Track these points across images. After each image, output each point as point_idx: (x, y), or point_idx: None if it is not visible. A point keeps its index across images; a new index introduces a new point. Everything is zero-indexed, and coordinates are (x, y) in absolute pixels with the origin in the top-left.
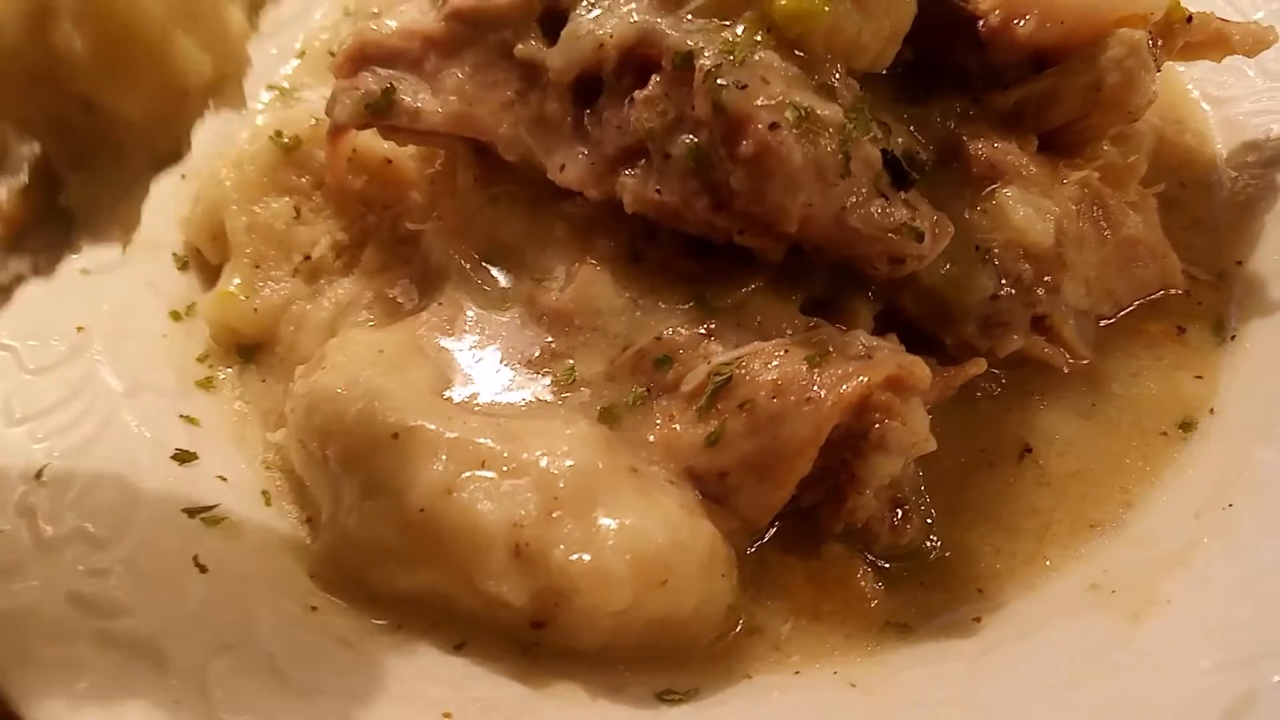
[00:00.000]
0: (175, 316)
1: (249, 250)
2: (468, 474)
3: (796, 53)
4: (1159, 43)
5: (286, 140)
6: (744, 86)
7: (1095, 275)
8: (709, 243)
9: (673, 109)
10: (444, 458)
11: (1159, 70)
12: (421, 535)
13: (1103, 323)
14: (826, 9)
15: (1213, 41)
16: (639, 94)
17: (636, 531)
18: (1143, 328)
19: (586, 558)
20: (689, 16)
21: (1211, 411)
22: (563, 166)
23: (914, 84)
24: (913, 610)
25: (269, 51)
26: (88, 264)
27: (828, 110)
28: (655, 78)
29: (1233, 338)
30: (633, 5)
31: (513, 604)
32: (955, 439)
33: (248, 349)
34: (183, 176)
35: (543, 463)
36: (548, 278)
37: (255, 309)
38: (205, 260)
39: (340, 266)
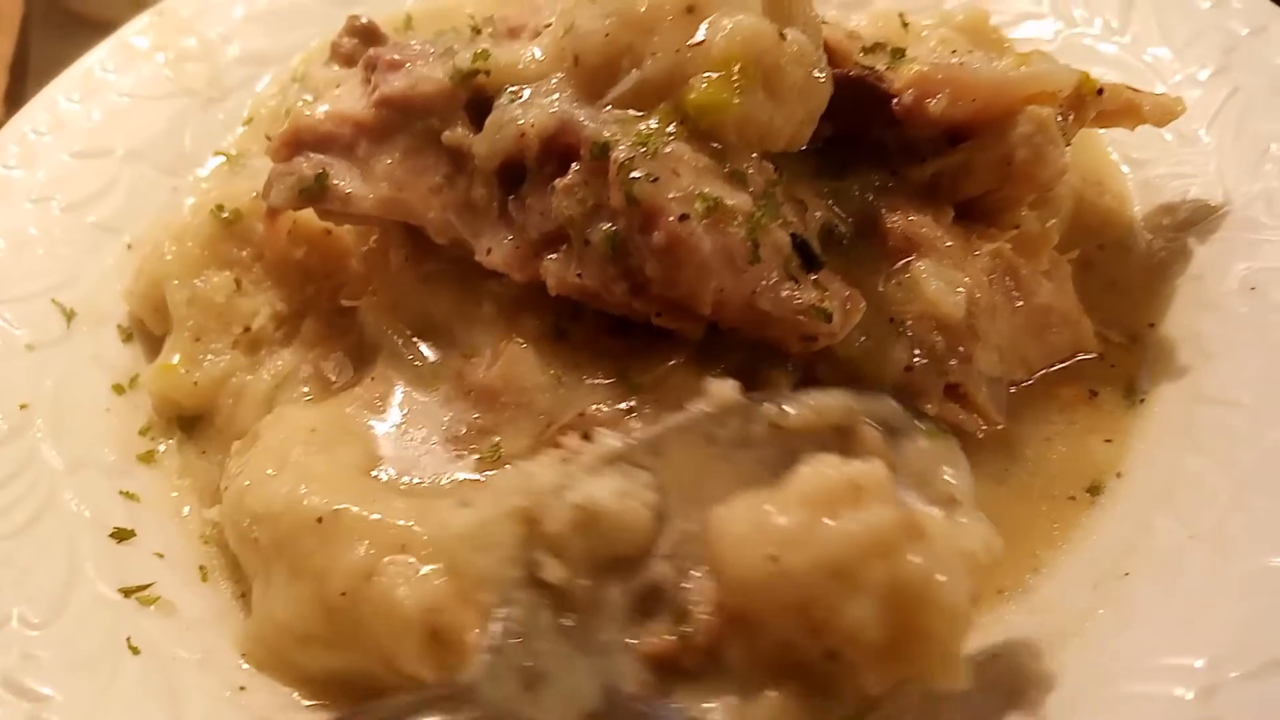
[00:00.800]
0: (118, 390)
1: (190, 323)
2: (388, 558)
3: (712, 144)
4: (1070, 116)
5: (227, 214)
6: (655, 179)
7: (1008, 343)
8: (631, 321)
9: (591, 197)
10: (366, 542)
11: (1068, 144)
12: (343, 619)
13: (1017, 387)
14: (736, 101)
15: (1124, 112)
16: (559, 182)
17: None
18: (1056, 392)
19: None
20: (608, 107)
21: (1119, 475)
22: (489, 250)
23: (834, 157)
24: None
25: (217, 117)
26: (32, 339)
27: (736, 199)
28: (575, 166)
29: (1142, 401)
30: (554, 96)
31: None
32: None
33: (188, 421)
34: (129, 246)
35: (462, 546)
36: (476, 354)
37: (195, 382)
38: (150, 331)
39: (280, 337)
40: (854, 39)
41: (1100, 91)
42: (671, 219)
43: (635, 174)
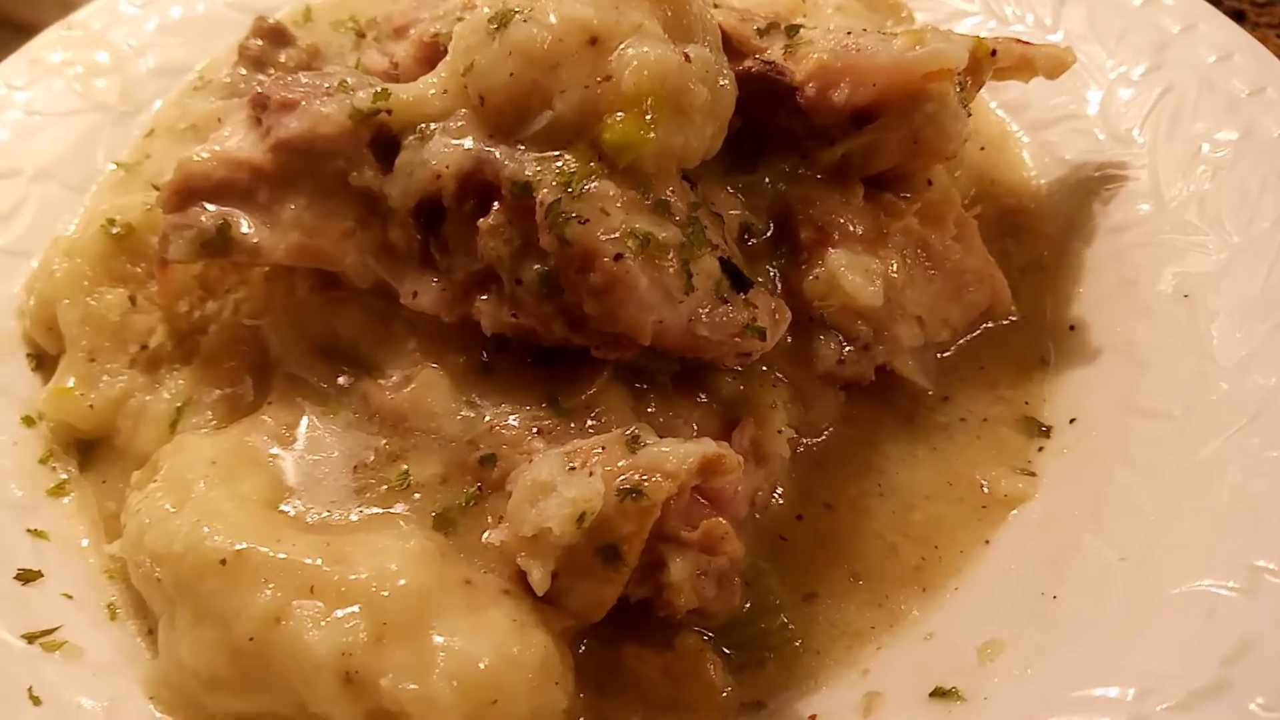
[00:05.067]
0: (28, 422)
1: (83, 343)
2: (296, 602)
3: (632, 175)
4: (968, 81)
5: (119, 229)
6: (585, 220)
7: (928, 311)
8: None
9: (518, 236)
10: (272, 586)
11: (968, 109)
12: (252, 663)
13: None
14: (651, 135)
15: (1018, 66)
16: (483, 223)
17: (463, 654)
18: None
19: (415, 686)
20: (521, 146)
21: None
22: (415, 294)
23: (743, 150)
24: (764, 688)
25: (130, 132)
26: None
27: (666, 232)
28: (496, 206)
29: (1072, 421)
30: (465, 135)
31: None
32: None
33: (86, 445)
34: (34, 264)
35: (372, 586)
36: (383, 375)
37: (91, 404)
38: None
39: (179, 355)
40: (747, 21)
41: (994, 53)
42: (607, 259)
43: (564, 215)
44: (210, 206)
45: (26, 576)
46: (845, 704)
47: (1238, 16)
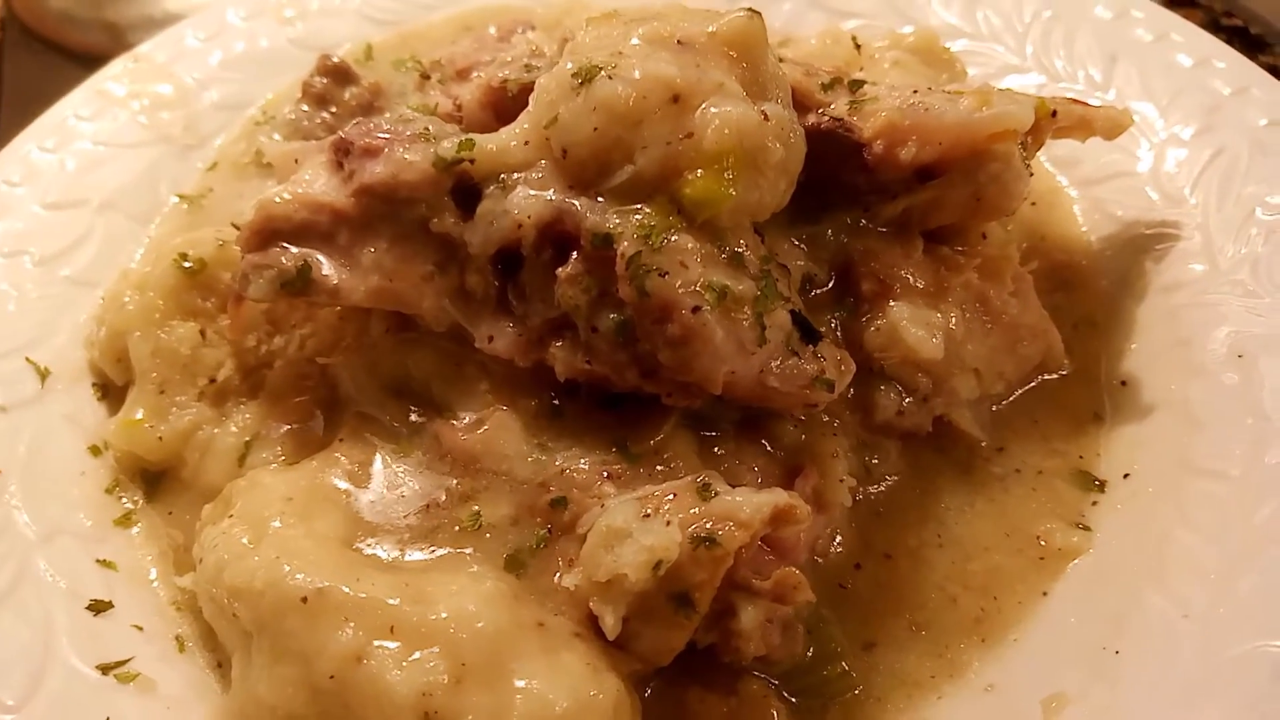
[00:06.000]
0: (95, 452)
1: (154, 375)
2: (377, 641)
3: (708, 230)
4: (1029, 141)
5: (191, 264)
6: (665, 273)
7: (984, 365)
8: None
9: (595, 286)
10: (353, 625)
11: (1029, 169)
12: (332, 702)
13: (998, 406)
14: (732, 192)
15: (1076, 127)
16: (562, 272)
17: (541, 697)
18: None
19: None
20: (600, 199)
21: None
22: (490, 338)
23: (806, 203)
24: None
25: (194, 165)
26: (4, 400)
27: (742, 286)
28: (575, 256)
29: (1126, 476)
30: (548, 186)
31: None
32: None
33: (152, 476)
34: (102, 298)
35: (451, 628)
36: (454, 416)
37: (160, 437)
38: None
39: (247, 389)
40: (811, 76)
41: (1054, 114)
42: (685, 312)
43: (644, 268)
44: (291, 248)
45: (98, 607)
46: None
47: None
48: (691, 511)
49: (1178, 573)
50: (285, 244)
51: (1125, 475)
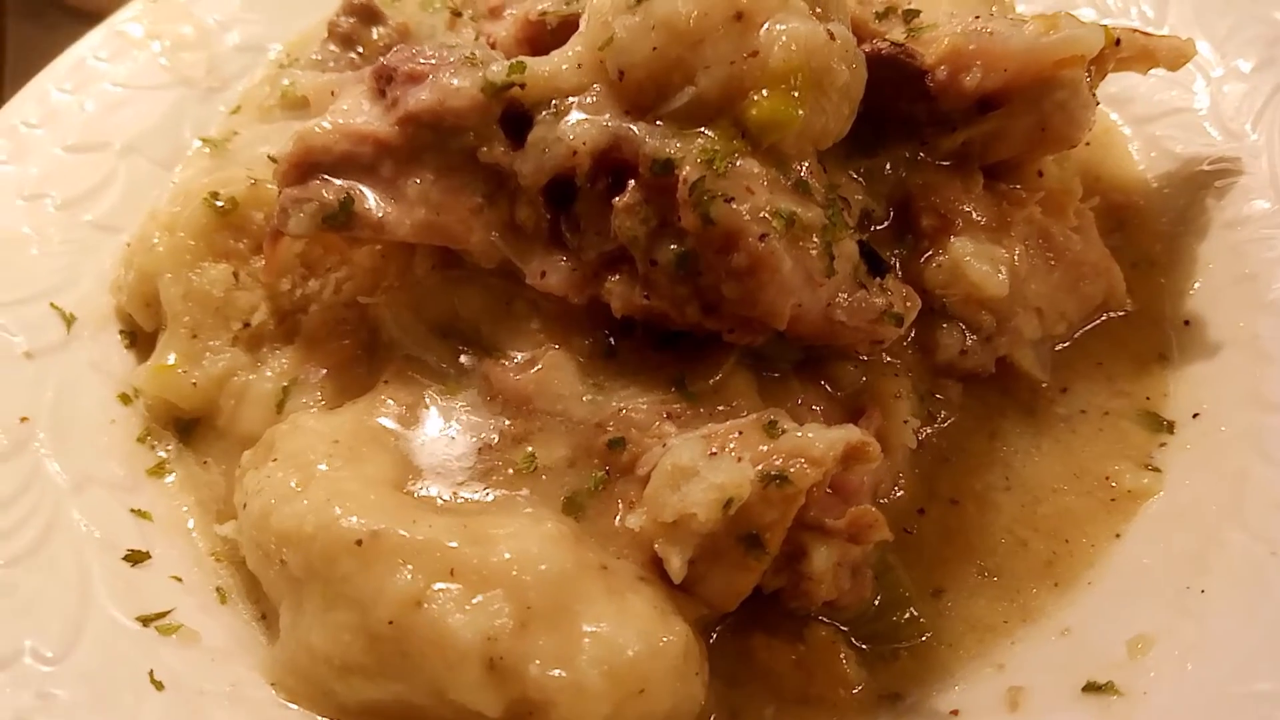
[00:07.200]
0: (125, 400)
1: (185, 319)
2: (438, 585)
3: (773, 154)
4: (1092, 70)
5: (222, 203)
6: (730, 199)
7: (1047, 303)
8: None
9: (654, 216)
10: (411, 567)
11: (1095, 98)
12: (390, 649)
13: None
14: (800, 113)
15: (1139, 57)
16: (619, 201)
17: (611, 641)
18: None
19: (563, 673)
20: (659, 123)
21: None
22: (543, 274)
23: (863, 135)
24: (899, 681)
25: (216, 108)
26: (31, 347)
27: (810, 214)
28: (632, 184)
29: (1196, 416)
30: (603, 111)
31: (487, 716)
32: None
33: (185, 424)
34: (129, 245)
35: (514, 570)
36: (504, 356)
37: (194, 382)
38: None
39: (282, 334)
40: (865, 4)
41: (1118, 42)
42: (752, 240)
43: (709, 194)
44: (332, 180)
45: (135, 558)
46: (986, 698)
47: None
48: (760, 449)
49: (1259, 509)
50: (326, 177)
51: (1194, 415)
